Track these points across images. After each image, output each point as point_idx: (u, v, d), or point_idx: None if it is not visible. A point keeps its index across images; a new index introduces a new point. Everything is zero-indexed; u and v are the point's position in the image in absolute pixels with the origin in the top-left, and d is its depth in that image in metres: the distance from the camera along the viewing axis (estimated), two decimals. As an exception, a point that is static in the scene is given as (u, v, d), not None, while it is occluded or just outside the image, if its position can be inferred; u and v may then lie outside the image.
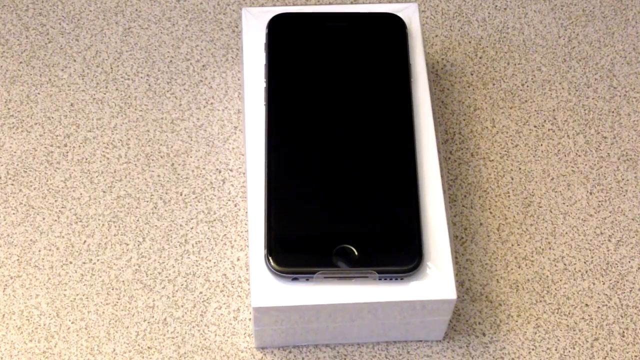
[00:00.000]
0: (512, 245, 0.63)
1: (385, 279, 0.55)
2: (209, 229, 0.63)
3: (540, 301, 0.61)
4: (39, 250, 0.62)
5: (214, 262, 0.62)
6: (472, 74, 0.69)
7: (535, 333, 0.60)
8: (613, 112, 0.68)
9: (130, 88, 0.68)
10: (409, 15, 0.63)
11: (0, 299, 0.61)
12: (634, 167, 0.66)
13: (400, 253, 0.55)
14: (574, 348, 0.60)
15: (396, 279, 0.55)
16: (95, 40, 0.70)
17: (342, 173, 0.57)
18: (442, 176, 0.58)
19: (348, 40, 0.62)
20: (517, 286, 0.62)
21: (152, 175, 0.65)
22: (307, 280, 0.55)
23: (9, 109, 0.67)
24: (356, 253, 0.55)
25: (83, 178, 0.65)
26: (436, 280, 0.55)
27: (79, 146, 0.66)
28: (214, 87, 0.68)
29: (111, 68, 0.69)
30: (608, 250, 0.63)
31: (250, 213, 0.57)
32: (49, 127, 0.66)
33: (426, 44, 0.70)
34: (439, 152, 0.60)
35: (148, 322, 0.60)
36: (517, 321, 0.61)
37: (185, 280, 0.61)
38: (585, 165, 0.66)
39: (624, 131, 0.67)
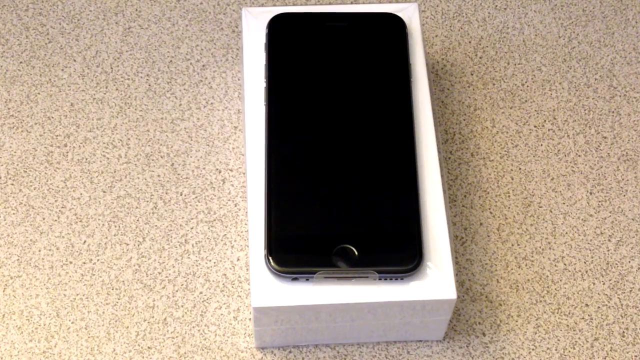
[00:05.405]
0: (512, 245, 0.63)
1: (385, 279, 0.55)
2: (209, 229, 0.63)
3: (540, 301, 0.61)
4: (39, 250, 0.62)
5: (214, 262, 0.62)
6: (472, 74, 0.69)
7: (535, 333, 0.60)
8: (613, 112, 0.68)
9: (130, 88, 0.68)
10: (409, 15, 0.63)
11: (0, 299, 0.61)
12: (634, 167, 0.66)
13: (400, 253, 0.55)
14: (574, 348, 0.60)
15: (396, 279, 0.55)
16: (95, 40, 0.70)
17: (342, 173, 0.57)
18: (442, 176, 0.58)
19: (348, 40, 0.62)
20: (517, 286, 0.62)
21: (152, 175, 0.65)
22: (307, 280, 0.55)
23: (9, 109, 0.67)
24: (356, 253, 0.55)
25: (83, 178, 0.65)
26: (436, 280, 0.55)
27: (79, 146, 0.66)
28: (214, 87, 0.68)
29: (111, 68, 0.69)
30: (608, 250, 0.63)
31: (250, 213, 0.57)
32: (49, 127, 0.66)
33: (426, 44, 0.70)
34: (439, 152, 0.60)
35: (148, 322, 0.60)
36: (517, 321, 0.61)
37: (185, 280, 0.61)
38: (585, 165, 0.66)
39: (624, 131, 0.67)
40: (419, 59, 0.62)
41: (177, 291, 0.61)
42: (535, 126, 0.67)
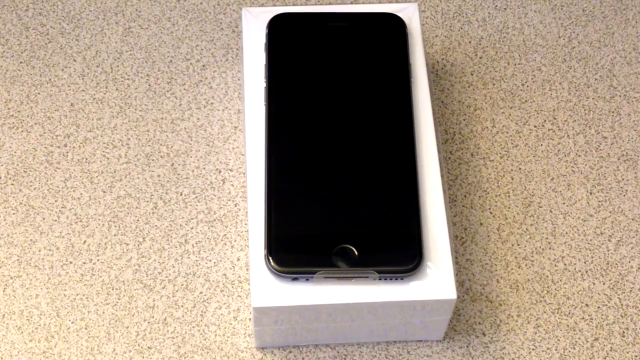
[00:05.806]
0: (512, 245, 0.63)
1: (385, 279, 0.55)
2: (209, 229, 0.63)
3: (540, 301, 0.61)
4: (39, 250, 0.62)
5: (214, 262, 0.62)
6: (472, 74, 0.69)
7: (535, 333, 0.60)
8: (613, 112, 0.68)
9: (130, 88, 0.68)
10: (409, 15, 0.63)
11: (0, 299, 0.61)
12: (634, 167, 0.66)
13: (400, 253, 0.55)
14: (574, 348, 0.60)
15: (396, 279, 0.55)
16: (95, 40, 0.70)
17: (342, 173, 0.57)
18: (442, 176, 0.58)
19: (348, 40, 0.62)
20: (517, 286, 0.62)
21: (152, 175, 0.65)
22: (307, 280, 0.55)
23: (9, 109, 0.67)
24: (356, 253, 0.55)
25: (83, 178, 0.65)
26: (436, 280, 0.55)
27: (79, 146, 0.66)
28: (214, 87, 0.68)
29: (111, 68, 0.69)
30: (608, 250, 0.63)
31: (250, 213, 0.57)
32: (49, 127, 0.66)
33: (426, 44, 0.70)
34: (439, 152, 0.60)
35: (148, 322, 0.60)
36: (517, 321, 0.61)
37: (185, 280, 0.61)
38: (585, 165, 0.66)
39: (624, 131, 0.67)
40: (419, 59, 0.62)
41: (177, 291, 0.61)
42: (535, 126, 0.67)
